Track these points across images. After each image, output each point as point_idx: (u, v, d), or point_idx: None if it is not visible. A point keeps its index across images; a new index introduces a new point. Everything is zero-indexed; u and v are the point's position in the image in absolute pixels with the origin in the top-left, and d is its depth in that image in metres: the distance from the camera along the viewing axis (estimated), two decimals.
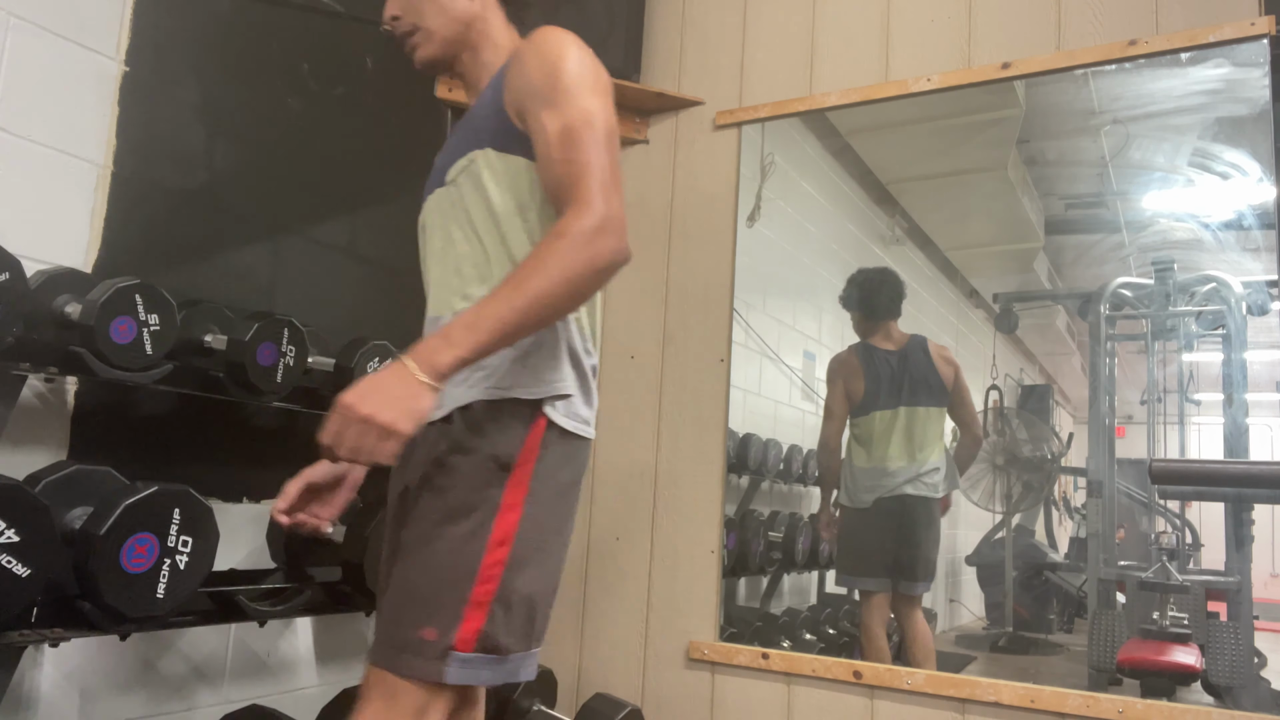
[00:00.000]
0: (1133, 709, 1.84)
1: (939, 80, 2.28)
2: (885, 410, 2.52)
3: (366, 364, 1.91)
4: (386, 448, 1.05)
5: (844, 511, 2.55)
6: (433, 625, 1.14)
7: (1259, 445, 1.91)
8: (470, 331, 1.07)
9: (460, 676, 1.13)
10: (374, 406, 1.04)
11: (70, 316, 1.54)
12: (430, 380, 1.06)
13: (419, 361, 1.06)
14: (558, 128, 1.21)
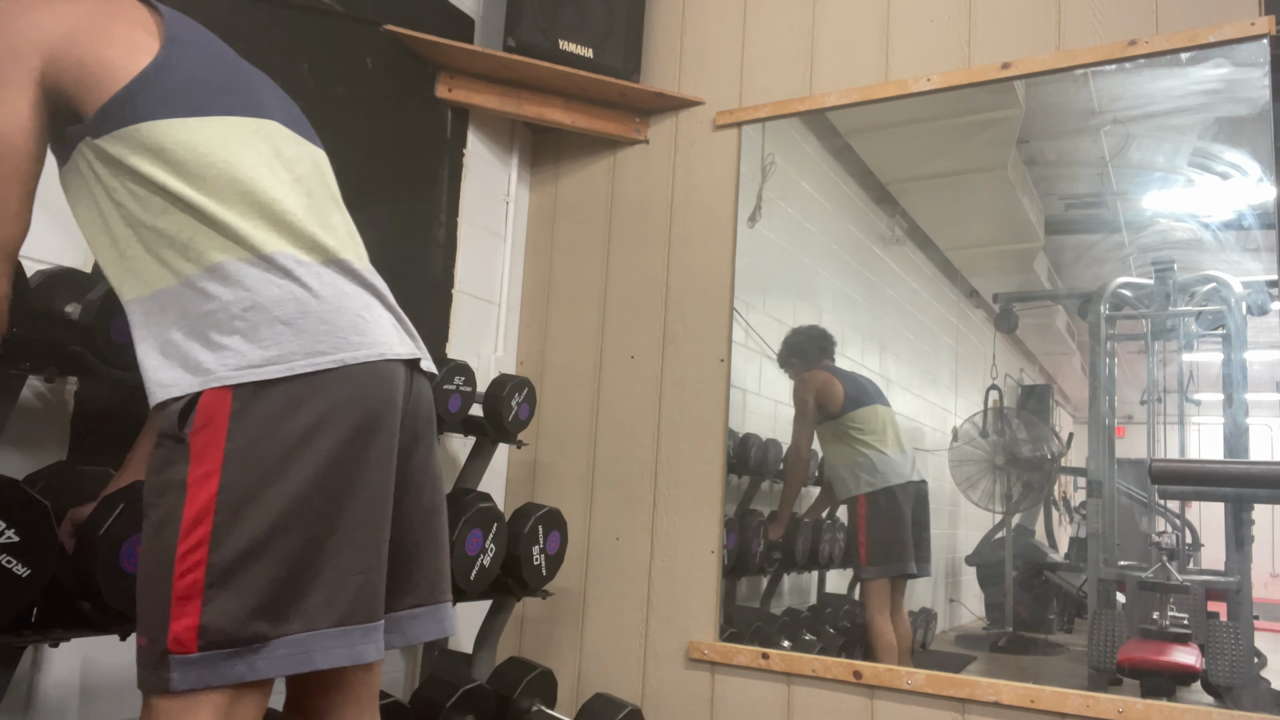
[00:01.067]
0: (1133, 709, 1.84)
1: (939, 80, 2.28)
2: (875, 405, 2.58)
3: None
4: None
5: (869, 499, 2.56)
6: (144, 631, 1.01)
7: (1259, 445, 1.91)
8: None
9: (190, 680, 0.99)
10: None
11: (70, 316, 1.54)
12: None
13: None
14: None
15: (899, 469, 2.54)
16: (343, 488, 1.06)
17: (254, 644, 1.01)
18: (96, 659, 1.71)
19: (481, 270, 2.72)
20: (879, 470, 2.55)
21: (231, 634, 1.00)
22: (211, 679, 1.00)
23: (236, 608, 1.00)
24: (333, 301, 1.11)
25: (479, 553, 1.97)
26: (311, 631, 1.04)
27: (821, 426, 2.63)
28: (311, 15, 2.19)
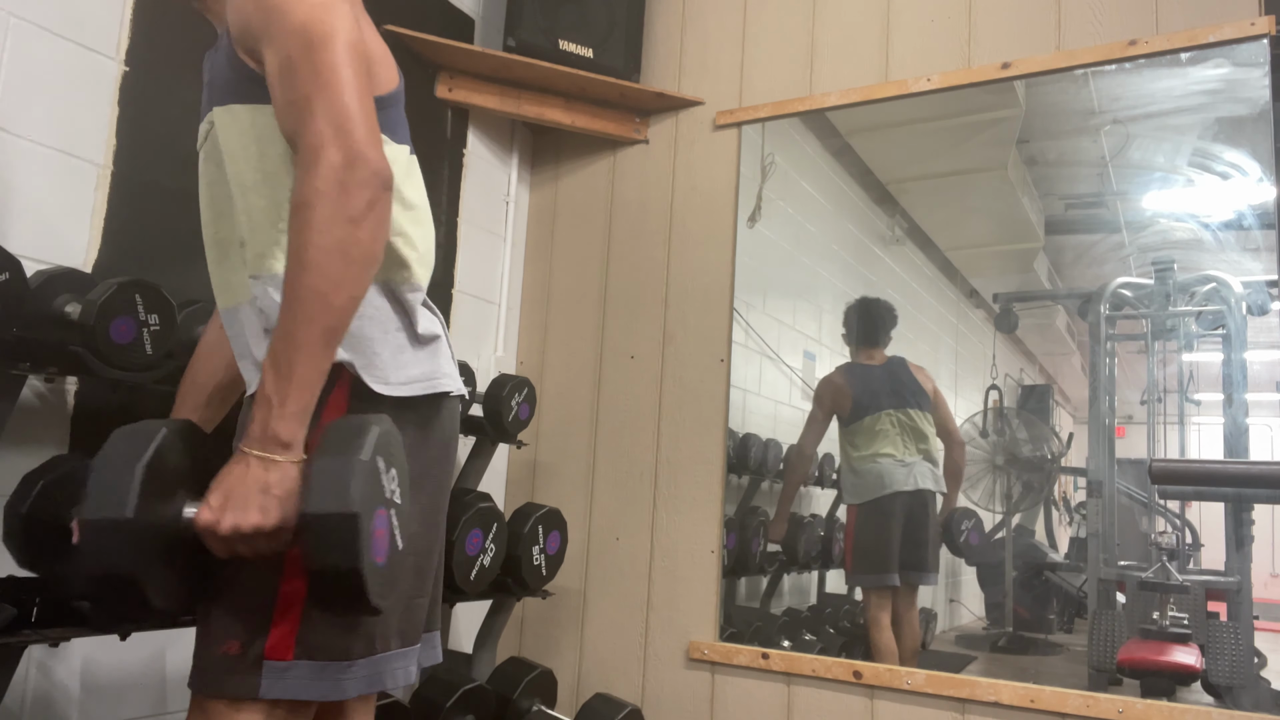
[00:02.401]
0: (1133, 709, 1.84)
1: (939, 80, 2.28)
2: (880, 412, 2.57)
3: None
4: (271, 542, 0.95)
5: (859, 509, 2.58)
6: (236, 635, 0.99)
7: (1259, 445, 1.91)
8: (280, 378, 0.94)
9: (278, 689, 0.98)
10: (236, 515, 0.93)
11: (70, 316, 1.54)
12: (277, 455, 0.94)
13: (257, 444, 0.94)
14: (276, 64, 1.02)
15: (891, 480, 2.54)
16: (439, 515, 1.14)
17: (342, 660, 1.01)
18: (96, 659, 1.71)
19: (481, 270, 2.72)
20: (868, 483, 2.57)
21: (326, 646, 1.00)
22: (298, 690, 0.98)
23: (336, 621, 1.00)
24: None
25: (479, 553, 1.97)
26: (386, 653, 1.06)
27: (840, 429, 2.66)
28: None
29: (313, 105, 0.98)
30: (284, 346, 0.94)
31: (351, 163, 0.96)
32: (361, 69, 1.03)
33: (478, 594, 2.04)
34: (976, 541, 2.53)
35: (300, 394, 0.94)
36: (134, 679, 1.78)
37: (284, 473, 0.94)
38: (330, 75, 0.99)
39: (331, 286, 0.94)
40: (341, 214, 0.95)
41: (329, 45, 1.00)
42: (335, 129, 0.97)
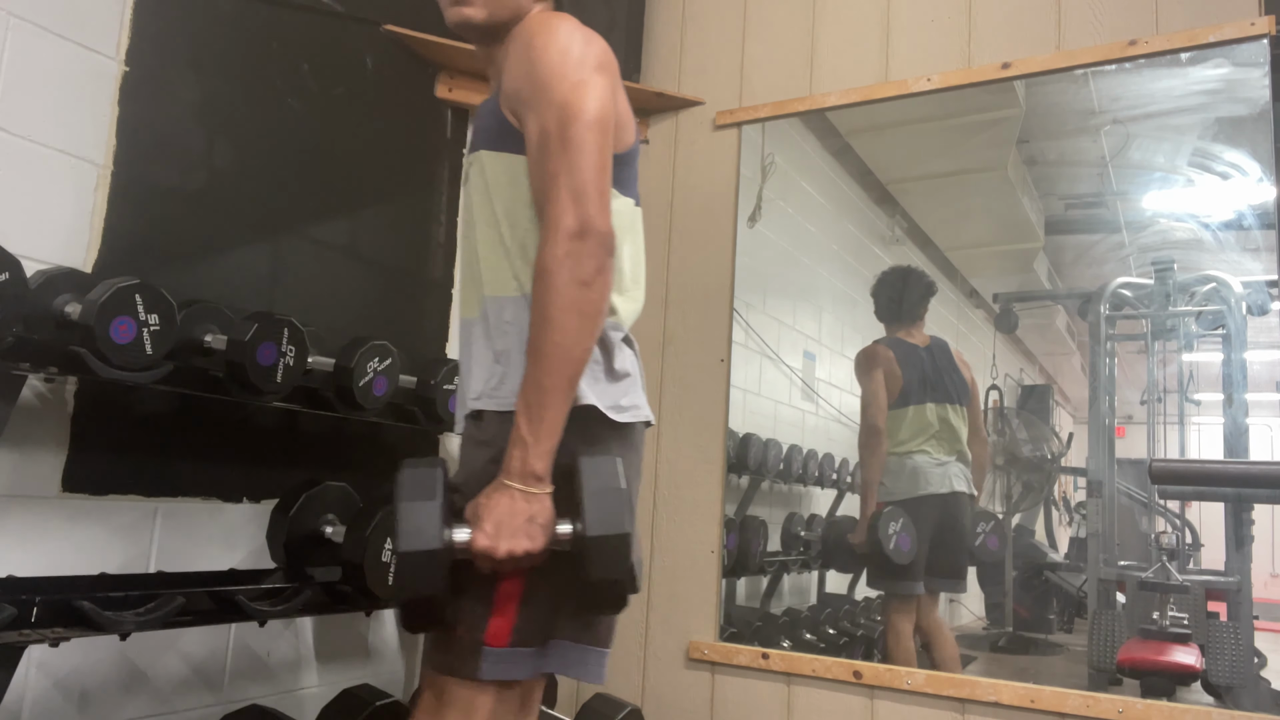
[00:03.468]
0: (1133, 709, 1.84)
1: (939, 80, 2.28)
2: (922, 404, 2.46)
3: (366, 364, 1.91)
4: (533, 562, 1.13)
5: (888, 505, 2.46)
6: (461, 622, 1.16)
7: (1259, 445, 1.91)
8: (533, 421, 1.12)
9: (496, 671, 1.15)
10: (510, 541, 1.11)
11: (70, 316, 1.54)
12: (536, 489, 1.12)
13: (518, 478, 1.12)
14: (535, 134, 1.21)
15: (926, 481, 2.43)
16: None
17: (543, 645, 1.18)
18: (96, 659, 1.71)
19: None
20: (900, 481, 2.45)
21: (533, 634, 1.17)
22: (514, 672, 1.16)
23: (545, 611, 1.17)
24: None
25: None
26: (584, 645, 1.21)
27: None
28: (311, 15, 2.19)
29: (559, 179, 1.15)
30: (535, 394, 1.13)
31: (584, 232, 1.13)
32: (606, 144, 1.20)
33: None
34: (995, 546, 2.42)
35: (551, 435, 1.13)
36: (134, 679, 1.78)
37: (542, 504, 1.13)
38: (576, 153, 1.16)
39: (571, 341, 1.13)
40: (576, 279, 1.12)
41: (580, 123, 1.17)
42: (574, 200, 1.14)
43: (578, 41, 1.22)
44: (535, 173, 1.22)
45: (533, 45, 1.22)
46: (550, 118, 1.18)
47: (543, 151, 1.19)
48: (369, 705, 1.75)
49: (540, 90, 1.20)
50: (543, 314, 1.13)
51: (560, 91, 1.18)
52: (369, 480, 2.25)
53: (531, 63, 1.21)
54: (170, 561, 1.83)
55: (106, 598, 1.44)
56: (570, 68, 1.19)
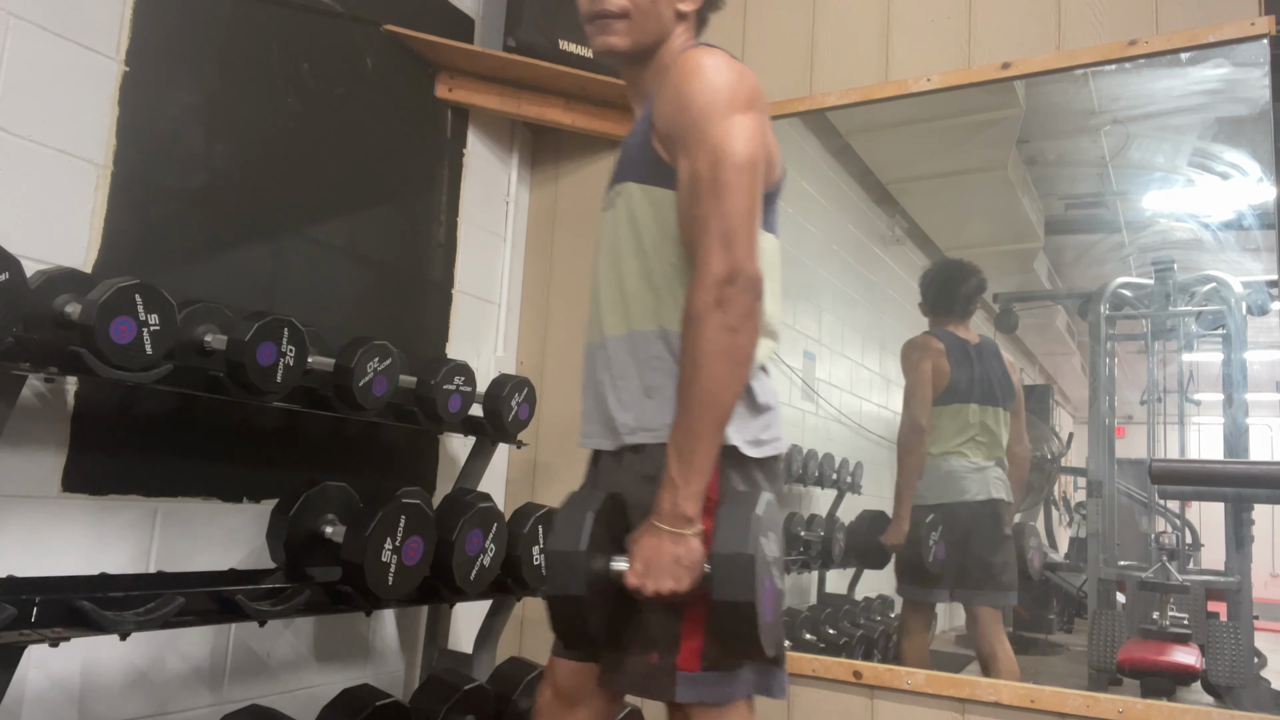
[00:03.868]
0: (1133, 709, 1.84)
1: (939, 80, 2.28)
2: (966, 404, 2.33)
3: (366, 364, 1.91)
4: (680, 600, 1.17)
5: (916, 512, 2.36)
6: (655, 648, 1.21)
7: (1259, 445, 1.91)
8: (683, 464, 1.15)
9: (689, 695, 1.19)
10: (657, 580, 1.15)
11: (70, 316, 1.54)
12: (684, 530, 1.15)
13: (668, 520, 1.15)
14: (686, 176, 1.22)
15: (963, 487, 2.31)
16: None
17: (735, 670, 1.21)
18: (96, 659, 1.71)
19: (481, 270, 2.72)
20: (933, 484, 2.34)
21: (723, 658, 1.19)
22: (707, 695, 1.19)
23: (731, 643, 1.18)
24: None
25: (479, 553, 1.97)
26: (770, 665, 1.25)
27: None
28: (311, 15, 2.20)
29: (709, 223, 1.16)
30: (685, 438, 1.15)
31: (734, 276, 1.14)
32: (756, 186, 1.20)
33: (478, 594, 2.04)
34: (1039, 564, 2.28)
35: (700, 477, 1.15)
36: (134, 679, 1.78)
37: (690, 546, 1.15)
38: (727, 197, 1.16)
39: (721, 386, 1.15)
40: (725, 324, 1.14)
41: (730, 166, 1.17)
42: (724, 245, 1.15)
43: (727, 80, 1.22)
44: (685, 214, 1.23)
45: (683, 85, 1.23)
46: (701, 160, 1.19)
47: (693, 193, 1.20)
48: (369, 705, 1.75)
49: (691, 131, 1.21)
50: (693, 359, 1.15)
51: (711, 134, 1.19)
52: (369, 480, 2.25)
53: (682, 103, 1.22)
54: (170, 561, 1.83)
55: (106, 598, 1.44)
56: (720, 108, 1.20)
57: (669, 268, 1.28)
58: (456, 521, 1.92)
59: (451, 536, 1.90)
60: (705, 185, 1.18)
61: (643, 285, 1.30)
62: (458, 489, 2.28)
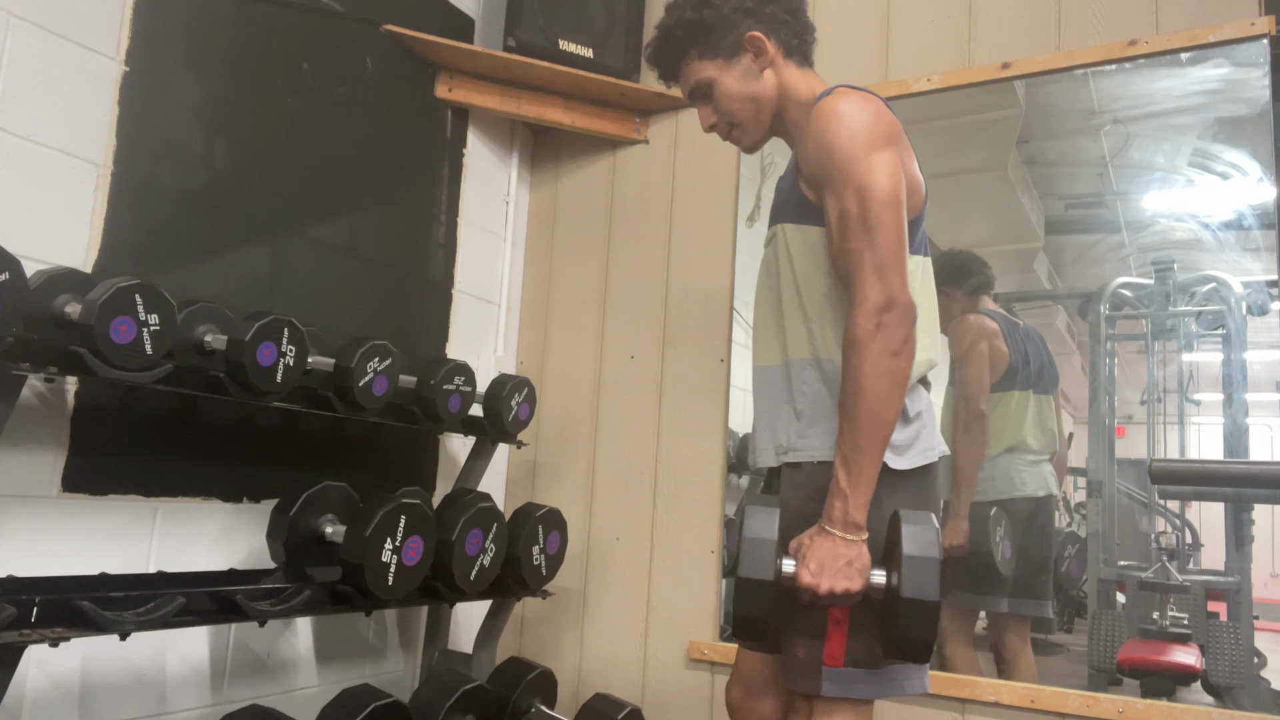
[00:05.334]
0: (1133, 709, 1.84)
1: (939, 80, 2.28)
2: (1025, 391, 2.20)
3: (366, 364, 1.91)
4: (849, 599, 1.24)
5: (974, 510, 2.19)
6: (802, 644, 1.32)
7: (1259, 445, 1.91)
8: (851, 476, 1.24)
9: (834, 690, 1.29)
10: (831, 581, 1.22)
11: (70, 316, 1.54)
12: (855, 536, 1.24)
13: (840, 526, 1.24)
14: (835, 215, 1.31)
15: (1023, 481, 2.18)
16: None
17: (878, 668, 1.30)
18: (96, 659, 1.71)
19: (481, 270, 2.72)
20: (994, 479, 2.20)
21: (866, 656, 1.29)
22: (850, 691, 1.29)
23: (873, 637, 1.28)
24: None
25: (479, 553, 1.97)
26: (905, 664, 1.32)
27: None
28: (311, 15, 2.20)
29: (862, 256, 1.26)
30: (853, 454, 1.24)
31: (890, 304, 1.24)
32: (902, 218, 1.28)
33: (478, 594, 2.04)
34: (1077, 574, 2.11)
35: (867, 489, 1.24)
36: (134, 679, 1.78)
37: (860, 551, 1.24)
38: (877, 230, 1.25)
39: (884, 406, 1.23)
40: (886, 349, 1.23)
41: (877, 202, 1.26)
42: (878, 275, 1.24)
43: (865, 121, 1.31)
44: (837, 249, 1.32)
45: (824, 132, 1.32)
46: (849, 199, 1.28)
47: (844, 230, 1.29)
48: (369, 705, 1.75)
49: (836, 174, 1.30)
50: (856, 382, 1.24)
51: (856, 174, 1.28)
52: (369, 480, 2.25)
53: (825, 147, 1.32)
54: (170, 561, 1.84)
55: (106, 598, 1.44)
56: (861, 149, 1.28)
57: (819, 299, 1.38)
58: (456, 521, 1.92)
59: (451, 536, 1.90)
60: (855, 222, 1.27)
61: (796, 317, 1.41)
62: (458, 489, 2.28)
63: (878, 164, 1.28)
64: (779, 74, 1.51)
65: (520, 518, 2.15)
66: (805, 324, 1.40)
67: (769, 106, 1.51)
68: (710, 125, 1.57)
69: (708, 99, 1.55)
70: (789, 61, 1.53)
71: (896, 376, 1.23)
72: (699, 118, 1.59)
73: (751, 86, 1.50)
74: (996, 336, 2.23)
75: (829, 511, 1.25)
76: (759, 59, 1.50)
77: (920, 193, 1.42)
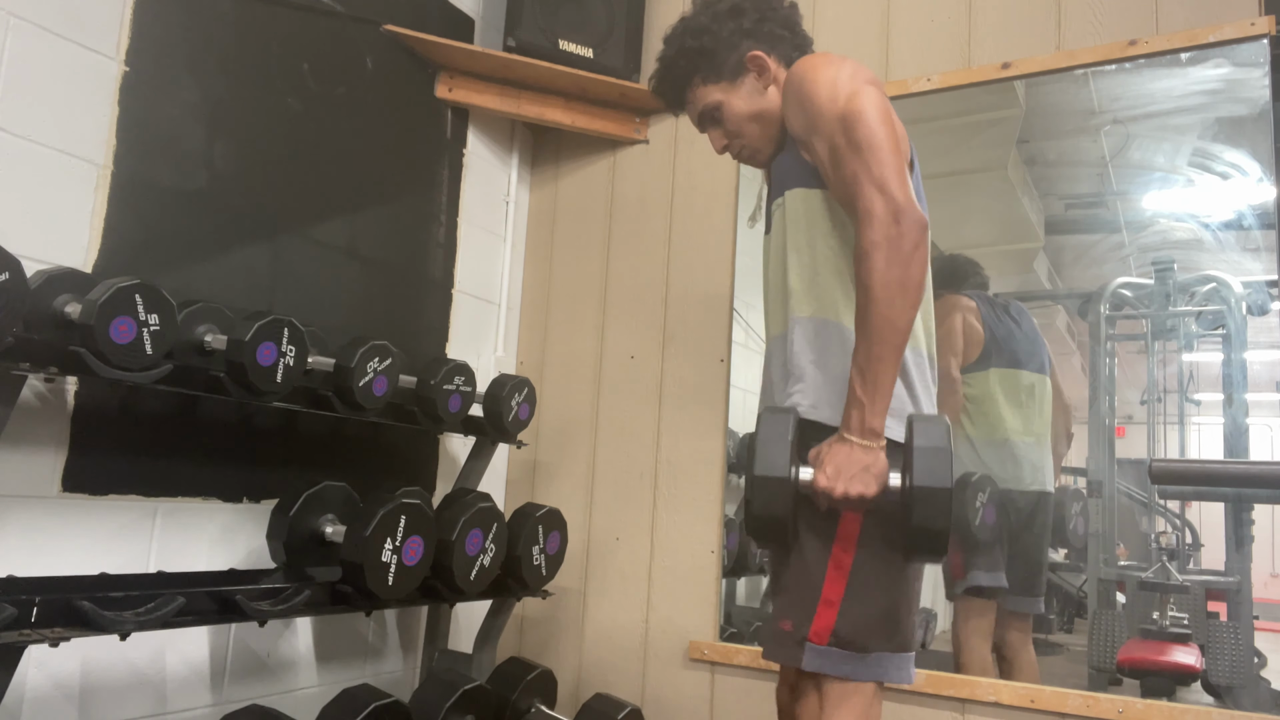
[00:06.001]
0: (1133, 709, 1.84)
1: (939, 80, 2.28)
2: (1006, 369, 2.15)
3: (366, 364, 1.91)
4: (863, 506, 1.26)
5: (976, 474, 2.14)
6: (790, 618, 1.34)
7: (1259, 445, 1.91)
8: (867, 385, 1.24)
9: (814, 665, 1.32)
10: (847, 484, 1.24)
11: (70, 316, 1.54)
12: (872, 443, 1.24)
13: (856, 433, 1.25)
14: (826, 151, 1.33)
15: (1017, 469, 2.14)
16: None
17: (863, 652, 1.32)
18: (96, 659, 1.71)
19: (481, 270, 2.72)
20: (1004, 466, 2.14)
21: (851, 639, 1.31)
22: (830, 669, 1.32)
23: (860, 620, 1.31)
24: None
25: (479, 553, 1.97)
26: (895, 653, 1.34)
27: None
28: (311, 15, 2.20)
29: (859, 177, 1.25)
30: (867, 363, 1.24)
31: (897, 216, 1.22)
32: (894, 135, 1.27)
33: (478, 594, 2.04)
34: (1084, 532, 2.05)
35: (884, 397, 1.24)
36: (134, 679, 1.78)
37: (877, 457, 1.25)
38: (868, 148, 1.25)
39: (897, 313, 1.22)
40: (896, 257, 1.21)
41: (863, 123, 1.26)
42: (879, 190, 1.23)
43: (845, 68, 1.33)
44: (836, 183, 1.33)
45: (803, 85, 1.35)
46: (836, 132, 1.29)
47: (836, 161, 1.30)
48: (369, 705, 1.75)
49: (820, 114, 1.32)
50: (868, 292, 1.23)
51: (838, 106, 1.30)
52: (369, 480, 2.25)
53: (805, 98, 1.34)
54: (170, 561, 1.84)
55: (106, 598, 1.44)
56: (842, 86, 1.31)
57: (823, 260, 1.40)
58: (456, 521, 1.92)
59: (451, 536, 1.90)
60: (846, 149, 1.27)
61: (801, 277, 1.42)
62: (458, 489, 2.28)
63: (860, 94, 1.29)
64: (777, 81, 1.54)
65: (520, 518, 2.15)
66: (808, 284, 1.41)
67: (777, 121, 1.53)
68: (723, 147, 1.60)
69: (717, 122, 1.58)
70: (779, 65, 1.55)
71: (908, 284, 1.22)
72: (710, 141, 1.61)
73: (758, 104, 1.53)
74: (971, 312, 2.21)
75: (846, 419, 1.26)
76: (762, 77, 1.53)
77: (907, 146, 1.40)
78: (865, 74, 1.34)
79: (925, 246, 1.25)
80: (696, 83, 1.56)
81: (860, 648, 1.32)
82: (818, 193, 1.40)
